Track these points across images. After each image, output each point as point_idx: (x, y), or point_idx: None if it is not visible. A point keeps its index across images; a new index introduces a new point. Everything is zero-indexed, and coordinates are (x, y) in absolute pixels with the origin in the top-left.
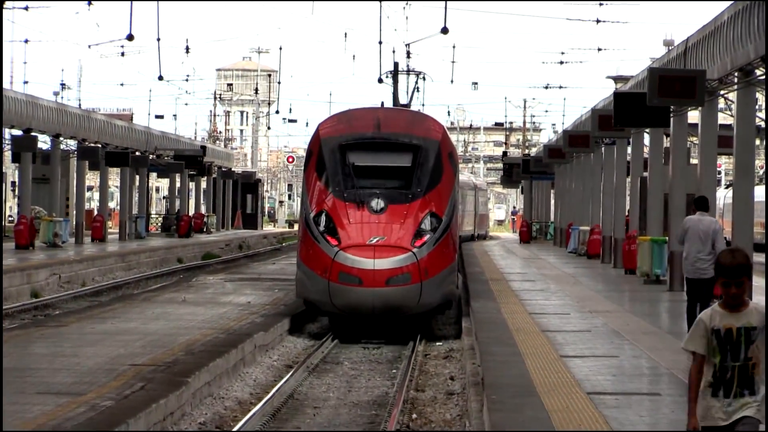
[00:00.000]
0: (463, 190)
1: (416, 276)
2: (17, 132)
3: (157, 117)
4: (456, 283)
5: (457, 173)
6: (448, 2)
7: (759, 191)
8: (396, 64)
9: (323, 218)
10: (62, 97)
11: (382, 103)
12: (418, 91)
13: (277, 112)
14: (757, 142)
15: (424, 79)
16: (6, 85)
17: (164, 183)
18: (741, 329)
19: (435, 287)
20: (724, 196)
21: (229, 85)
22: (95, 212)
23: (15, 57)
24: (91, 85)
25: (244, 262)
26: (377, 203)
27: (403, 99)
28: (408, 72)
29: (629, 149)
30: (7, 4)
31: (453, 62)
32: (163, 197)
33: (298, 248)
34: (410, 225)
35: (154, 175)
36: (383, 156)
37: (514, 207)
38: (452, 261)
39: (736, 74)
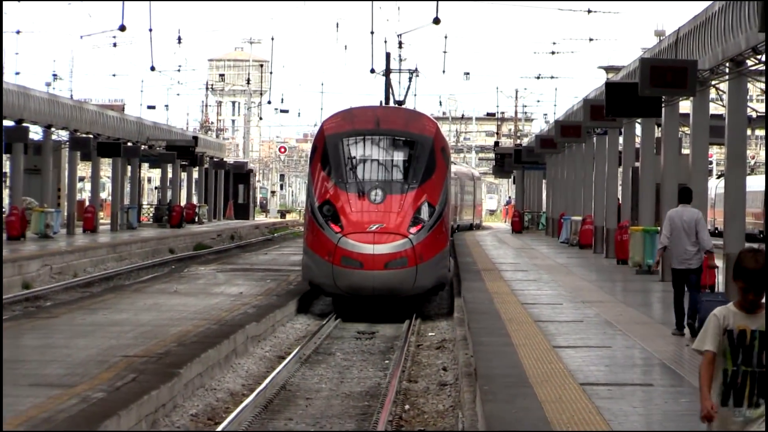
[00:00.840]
0: (464, 181)
1: (412, 260)
2: (9, 123)
3: (149, 107)
4: (448, 267)
5: (449, 166)
6: None
7: (756, 181)
8: (388, 55)
9: (327, 207)
10: (54, 88)
11: (381, 102)
12: (410, 81)
13: (269, 102)
14: (749, 132)
15: (417, 75)
16: None
17: (156, 173)
18: (756, 332)
19: (429, 270)
20: (715, 186)
21: (221, 75)
22: (87, 203)
23: (7, 48)
24: (83, 75)
25: (236, 252)
26: (376, 193)
27: (394, 91)
28: (400, 71)
29: (621, 139)
30: None
31: (445, 52)
32: (155, 188)
33: (304, 235)
34: (407, 213)
35: (145, 165)
36: (382, 150)
37: (509, 197)
38: (445, 246)
39: (727, 64)
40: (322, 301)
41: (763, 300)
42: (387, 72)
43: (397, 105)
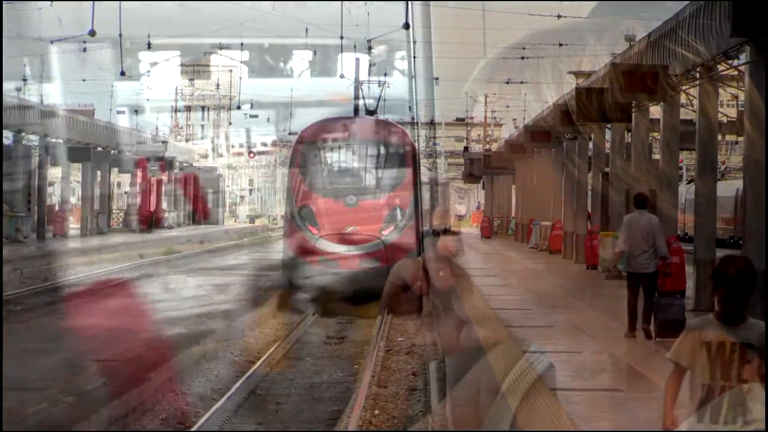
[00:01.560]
0: (434, 186)
1: (384, 260)
2: None
3: (118, 112)
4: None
5: (419, 173)
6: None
7: (727, 187)
8: (357, 61)
9: (305, 211)
10: (24, 93)
11: (356, 114)
12: (381, 89)
13: (239, 107)
14: (719, 137)
15: (388, 86)
16: None
17: (126, 178)
18: (736, 345)
19: None
20: (685, 191)
21: (191, 80)
22: (57, 207)
23: None
24: (54, 80)
25: (206, 257)
26: (351, 198)
27: (365, 98)
28: (369, 81)
29: (591, 144)
30: None
31: (414, 57)
32: (125, 192)
33: (283, 236)
34: (379, 217)
35: (115, 170)
36: (356, 158)
37: (479, 202)
38: (415, 248)
39: (698, 69)
40: (293, 304)
41: (746, 312)
42: (357, 83)
43: (369, 114)
